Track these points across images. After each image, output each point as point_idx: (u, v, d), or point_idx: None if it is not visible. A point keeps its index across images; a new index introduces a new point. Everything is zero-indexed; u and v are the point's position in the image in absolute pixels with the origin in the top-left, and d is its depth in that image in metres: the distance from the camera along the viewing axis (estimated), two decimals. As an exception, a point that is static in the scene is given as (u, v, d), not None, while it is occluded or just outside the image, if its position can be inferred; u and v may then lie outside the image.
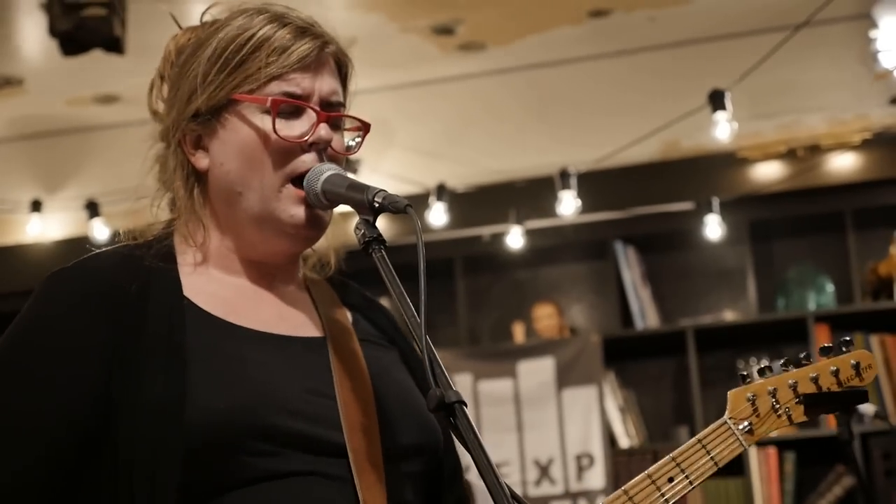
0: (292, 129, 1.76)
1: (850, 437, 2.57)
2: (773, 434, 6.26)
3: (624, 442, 6.07)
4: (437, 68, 5.36)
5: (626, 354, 6.23)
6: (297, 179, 1.77)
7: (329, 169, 1.75)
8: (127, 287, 1.72)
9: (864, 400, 1.99)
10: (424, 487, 1.84)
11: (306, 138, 1.76)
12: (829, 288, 6.07)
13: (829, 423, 5.68)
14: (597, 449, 5.94)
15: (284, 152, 1.76)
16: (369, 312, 1.95)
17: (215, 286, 1.80)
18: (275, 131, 1.75)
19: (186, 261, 1.81)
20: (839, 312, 5.92)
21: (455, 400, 1.48)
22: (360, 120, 1.85)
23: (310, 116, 1.77)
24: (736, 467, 5.71)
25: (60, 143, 5.90)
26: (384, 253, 1.67)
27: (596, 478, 5.85)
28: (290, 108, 1.76)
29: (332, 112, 1.79)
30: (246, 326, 1.76)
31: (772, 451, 5.76)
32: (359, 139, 1.86)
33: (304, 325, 1.83)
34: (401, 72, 5.37)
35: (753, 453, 5.73)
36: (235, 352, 1.71)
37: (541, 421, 6.00)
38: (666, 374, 6.32)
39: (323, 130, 1.77)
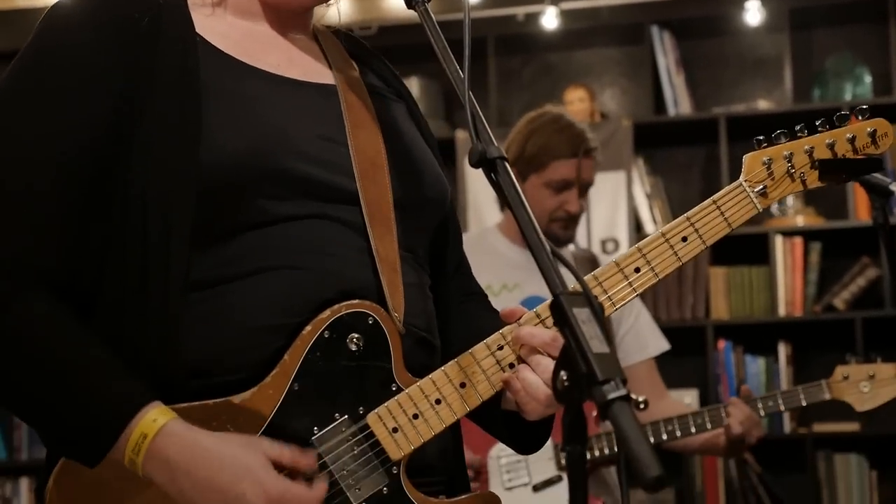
0: None
1: (885, 220, 2.53)
2: (800, 224, 6.18)
3: (650, 228, 6.08)
4: None
5: (656, 141, 6.19)
6: None
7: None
8: (138, 17, 1.68)
9: (879, 167, 1.98)
10: (430, 242, 1.85)
11: None
12: (867, 79, 5.97)
13: (857, 215, 5.67)
14: (622, 234, 5.96)
15: None
16: (375, 65, 1.93)
17: (227, 27, 1.77)
18: None
19: (199, 1, 1.78)
20: (876, 103, 5.81)
21: (497, 156, 1.46)
22: None
23: None
24: (761, 255, 5.73)
25: None
26: (427, 7, 1.64)
27: (621, 262, 5.88)
28: None
29: None
30: (259, 67, 1.74)
31: (797, 240, 5.76)
32: None
33: (315, 72, 1.81)
34: None
35: (779, 242, 5.73)
36: (249, 92, 1.69)
37: (567, 204, 5.99)
38: (695, 162, 6.29)
39: None
